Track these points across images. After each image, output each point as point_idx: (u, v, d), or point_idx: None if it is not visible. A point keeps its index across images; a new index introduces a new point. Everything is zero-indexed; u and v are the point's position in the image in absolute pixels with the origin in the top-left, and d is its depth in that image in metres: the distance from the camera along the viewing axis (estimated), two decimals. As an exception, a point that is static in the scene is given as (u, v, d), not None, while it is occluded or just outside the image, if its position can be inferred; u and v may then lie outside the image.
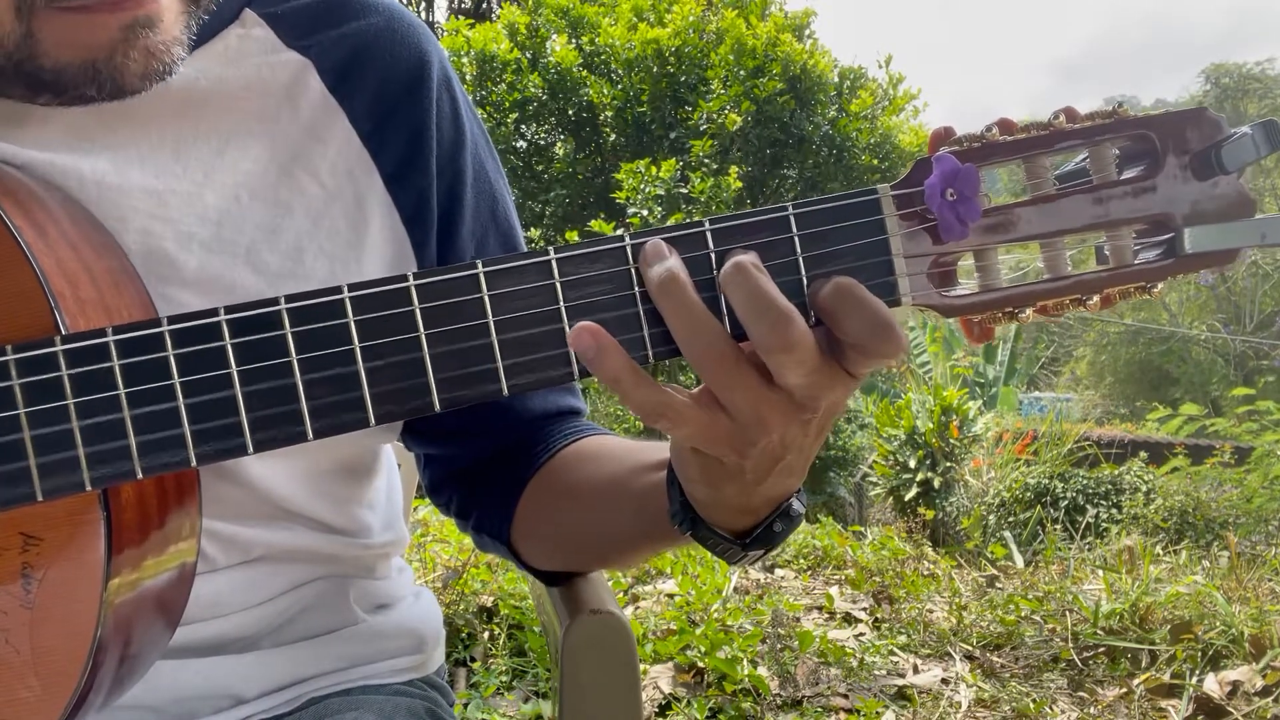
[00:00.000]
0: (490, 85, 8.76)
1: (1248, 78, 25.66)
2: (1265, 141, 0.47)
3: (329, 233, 0.65)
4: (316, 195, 0.65)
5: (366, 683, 0.73)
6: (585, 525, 0.69)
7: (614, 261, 0.47)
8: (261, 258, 0.61)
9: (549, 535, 0.72)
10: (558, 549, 0.73)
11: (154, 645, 0.52)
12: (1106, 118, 0.49)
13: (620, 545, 0.67)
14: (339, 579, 0.73)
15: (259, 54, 0.64)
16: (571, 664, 0.69)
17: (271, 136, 0.64)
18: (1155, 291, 0.50)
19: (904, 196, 0.48)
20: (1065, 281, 0.49)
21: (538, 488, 0.72)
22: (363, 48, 0.67)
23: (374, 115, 0.67)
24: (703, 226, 0.47)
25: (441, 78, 0.70)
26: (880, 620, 3.09)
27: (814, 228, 0.48)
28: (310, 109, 0.65)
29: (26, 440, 0.43)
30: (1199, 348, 20.62)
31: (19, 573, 0.45)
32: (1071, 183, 0.49)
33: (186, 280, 0.59)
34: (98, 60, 0.50)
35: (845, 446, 9.24)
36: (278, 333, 0.45)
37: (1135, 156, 0.50)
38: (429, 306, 0.46)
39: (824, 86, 8.73)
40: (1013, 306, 0.49)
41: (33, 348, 0.43)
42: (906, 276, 0.48)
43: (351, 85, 0.67)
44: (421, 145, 0.68)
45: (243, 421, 0.45)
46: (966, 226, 0.47)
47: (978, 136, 0.49)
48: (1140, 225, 0.49)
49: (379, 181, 0.67)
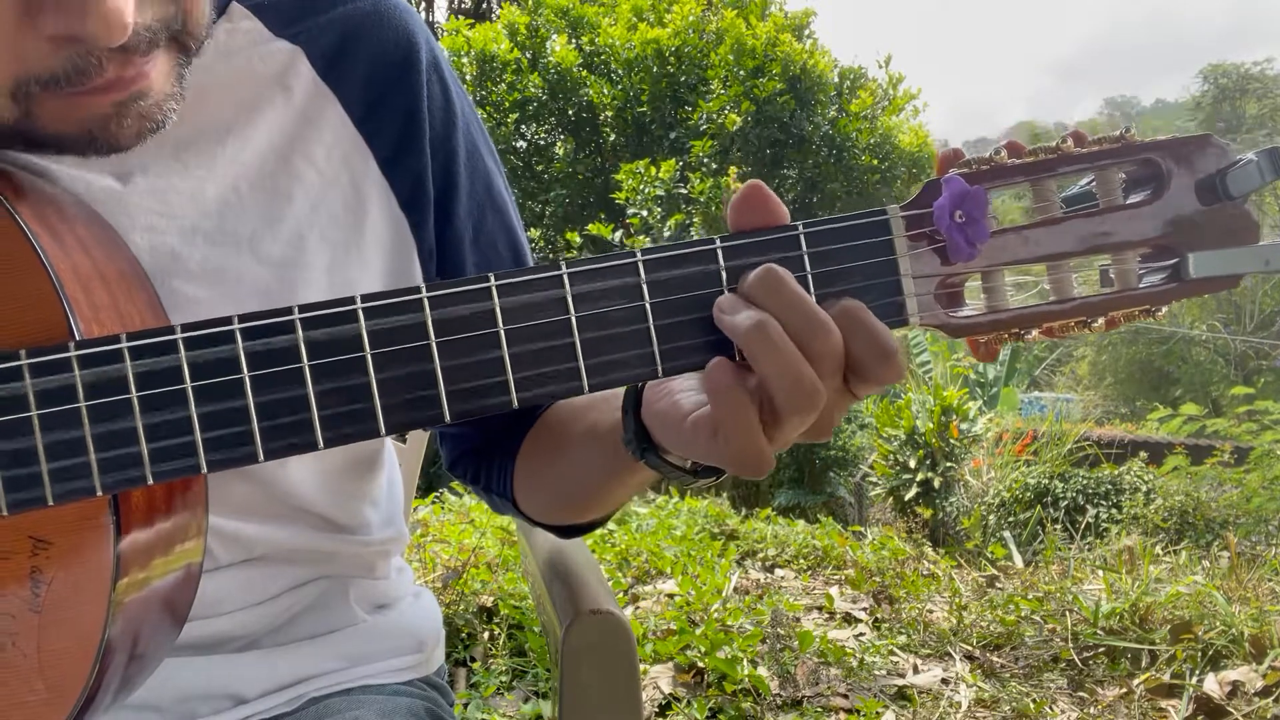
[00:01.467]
0: (490, 85, 8.76)
1: (1247, 78, 25.63)
2: (1270, 169, 0.47)
3: (329, 219, 0.65)
4: (314, 182, 0.65)
5: (366, 683, 0.73)
6: (570, 473, 0.69)
7: (625, 276, 0.47)
8: (264, 247, 0.62)
9: (543, 488, 0.73)
10: (552, 501, 0.73)
11: (161, 645, 0.53)
12: (1114, 142, 0.49)
13: (599, 488, 0.67)
14: (339, 579, 0.74)
15: (249, 45, 0.65)
16: (571, 664, 0.70)
17: (267, 126, 0.64)
18: (1159, 315, 0.51)
19: (913, 218, 0.49)
20: (1070, 304, 0.50)
21: (531, 446, 0.74)
22: (350, 32, 0.68)
23: (366, 100, 0.68)
24: (713, 244, 0.48)
25: (430, 59, 0.71)
26: (880, 620, 3.09)
27: (823, 246, 0.48)
28: (303, 96, 0.66)
29: (39, 445, 0.44)
30: (1199, 348, 20.61)
31: (28, 576, 0.45)
32: (1078, 206, 0.50)
33: (192, 273, 0.60)
34: (94, 129, 0.50)
35: (845, 446, 9.25)
36: (291, 342, 0.45)
37: (1141, 181, 0.50)
38: (441, 318, 0.46)
39: (824, 86, 8.73)
40: (1019, 328, 0.50)
41: (47, 353, 0.44)
42: (915, 297, 0.49)
43: (342, 70, 0.67)
44: (414, 128, 0.69)
45: (254, 430, 0.45)
46: (975, 248, 0.48)
47: (986, 159, 0.49)
48: (1145, 249, 0.50)
49: (375, 166, 0.68)
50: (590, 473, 0.66)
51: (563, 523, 0.74)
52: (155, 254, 0.58)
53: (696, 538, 3.96)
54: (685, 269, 0.48)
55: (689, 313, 0.48)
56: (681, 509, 4.50)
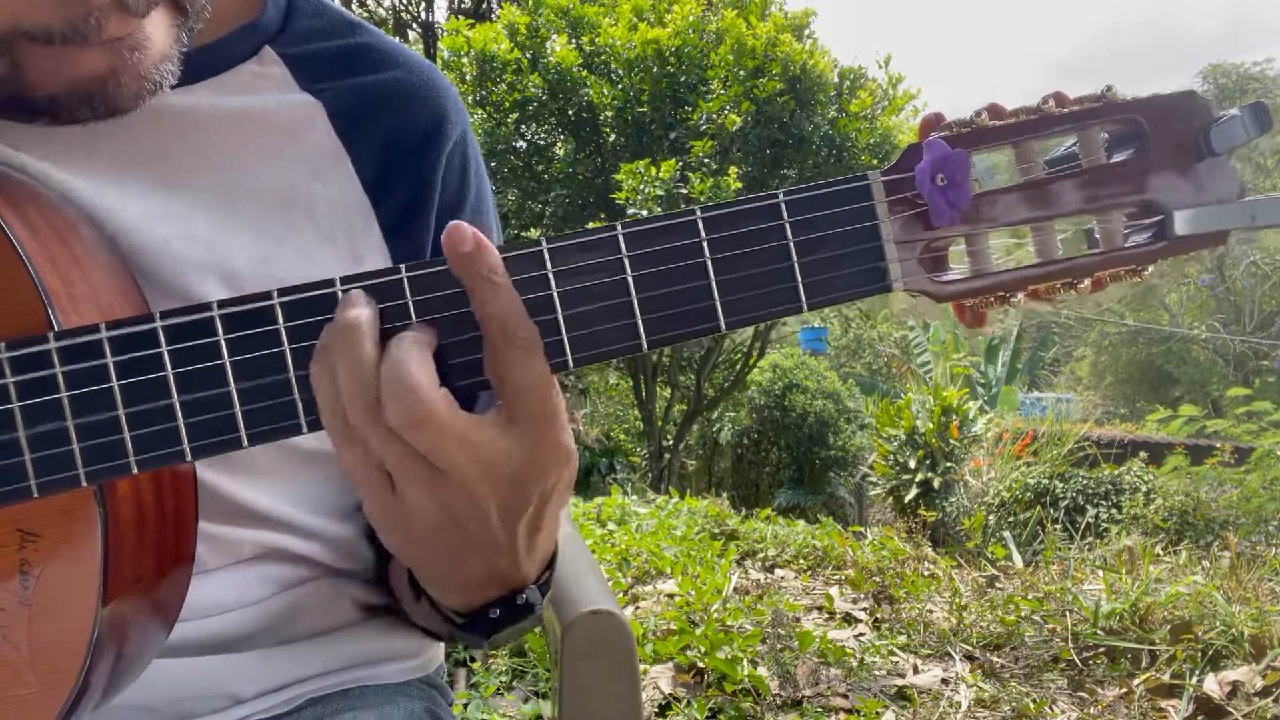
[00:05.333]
0: (490, 85, 8.76)
1: (1246, 78, 25.67)
2: (1254, 124, 0.47)
3: (319, 274, 0.64)
4: (310, 235, 0.64)
5: (365, 683, 0.73)
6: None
7: (606, 251, 0.47)
8: (246, 287, 0.61)
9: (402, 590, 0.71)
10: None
11: (150, 644, 0.52)
12: (1095, 101, 0.49)
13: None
14: (336, 580, 0.73)
15: (270, 91, 0.64)
16: (571, 664, 0.69)
17: (271, 170, 0.63)
18: (1145, 274, 0.50)
19: (894, 182, 0.48)
20: (1056, 265, 0.49)
21: None
22: (380, 98, 0.68)
23: (379, 164, 0.67)
24: (694, 215, 0.47)
25: (458, 137, 0.71)
26: (880, 620, 3.09)
27: (804, 214, 0.48)
28: (314, 149, 0.65)
29: (21, 437, 0.43)
30: (1199, 348, 20.62)
31: (17, 569, 0.45)
32: (1061, 167, 0.49)
33: (170, 297, 0.59)
34: (90, 89, 0.49)
35: (845, 447, 9.25)
36: (271, 326, 0.45)
37: (1124, 140, 0.50)
38: (422, 299, 0.46)
39: (824, 86, 8.73)
40: (1004, 290, 0.49)
41: (26, 344, 0.43)
42: (898, 262, 0.48)
43: (361, 131, 0.67)
44: (424, 200, 0.69)
45: (237, 415, 0.45)
46: (957, 211, 0.48)
47: (967, 122, 0.49)
48: (1130, 208, 0.49)
49: (377, 230, 0.67)
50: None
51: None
52: (136, 272, 0.57)
53: (696, 538, 3.96)
54: (668, 242, 0.47)
55: (672, 285, 0.47)
56: (681, 509, 4.50)
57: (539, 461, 0.46)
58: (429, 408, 0.43)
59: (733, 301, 0.47)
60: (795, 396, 9.59)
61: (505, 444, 0.45)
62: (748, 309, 0.47)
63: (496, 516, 0.47)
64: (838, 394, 9.86)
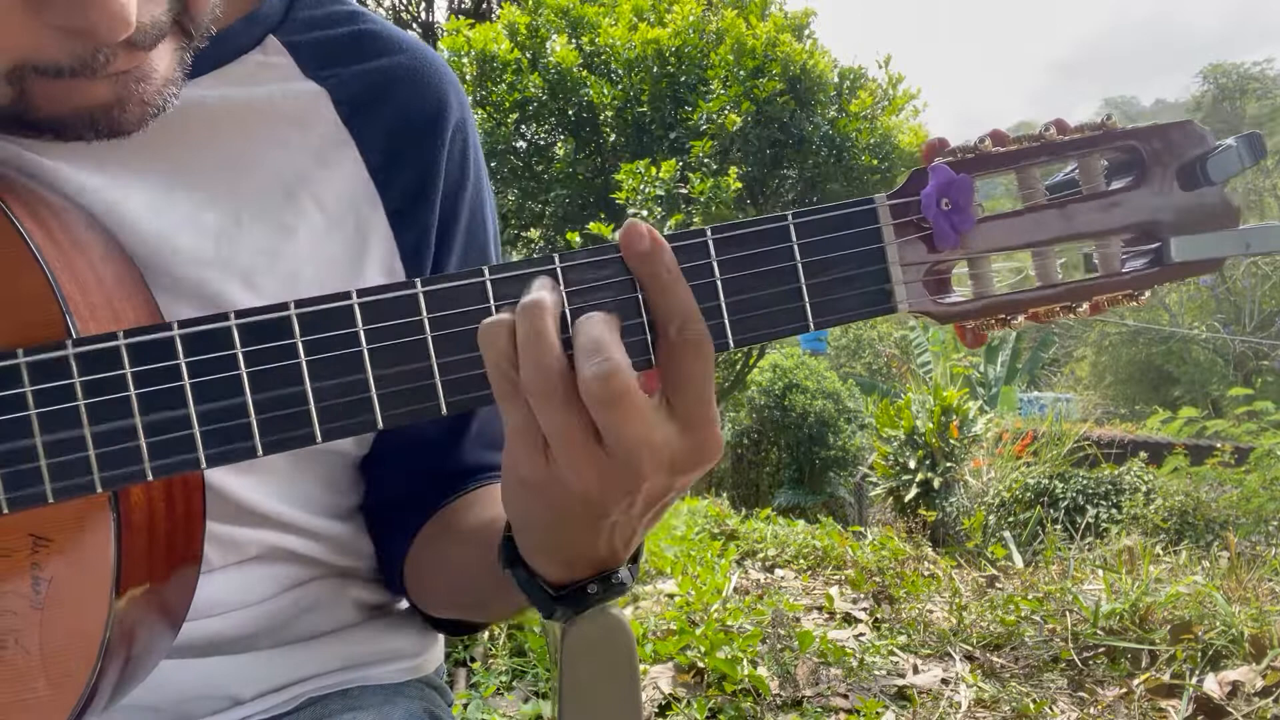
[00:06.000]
0: (490, 85, 8.75)
1: (1247, 77, 25.66)
2: (1249, 153, 0.48)
3: (327, 261, 0.65)
4: (318, 221, 0.64)
5: (365, 683, 0.73)
6: (463, 572, 0.68)
7: (616, 269, 0.48)
8: (258, 280, 0.61)
9: (437, 583, 0.71)
10: (446, 596, 0.72)
11: (158, 647, 0.53)
12: (1095, 130, 0.50)
13: (486, 593, 0.65)
14: (337, 580, 0.73)
15: (275, 80, 0.65)
16: (571, 664, 0.70)
17: (278, 160, 0.64)
18: (1141, 299, 0.52)
19: (900, 206, 0.49)
20: (1055, 289, 0.51)
21: (430, 534, 0.71)
22: (384, 83, 0.68)
23: (385, 150, 0.67)
24: (705, 235, 0.48)
25: (459, 121, 0.71)
26: (880, 620, 3.09)
27: (813, 236, 0.49)
28: (320, 136, 0.65)
29: (38, 443, 0.44)
30: (1199, 348, 20.61)
31: (29, 573, 0.45)
32: (1061, 193, 0.50)
33: (183, 293, 0.59)
34: (94, 113, 0.50)
35: (845, 447, 9.24)
36: (288, 339, 0.46)
37: (1123, 167, 0.51)
38: (436, 314, 0.47)
39: (824, 87, 8.73)
40: (1005, 313, 0.51)
41: (44, 351, 0.44)
42: (903, 284, 0.50)
43: (366, 117, 0.67)
44: (429, 183, 0.69)
45: (252, 424, 0.45)
46: (960, 235, 0.49)
47: (971, 148, 0.50)
48: (1128, 234, 0.51)
49: (383, 216, 0.67)
50: (483, 576, 0.63)
51: (459, 619, 0.73)
52: (147, 271, 0.58)
53: (696, 538, 3.96)
54: (679, 262, 0.48)
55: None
56: (681, 509, 4.50)
57: (697, 451, 0.48)
58: (626, 383, 0.44)
59: (741, 320, 0.49)
60: (795, 396, 9.59)
61: (670, 430, 0.47)
62: (755, 328, 0.49)
63: (642, 498, 0.48)
64: (838, 394, 9.85)
